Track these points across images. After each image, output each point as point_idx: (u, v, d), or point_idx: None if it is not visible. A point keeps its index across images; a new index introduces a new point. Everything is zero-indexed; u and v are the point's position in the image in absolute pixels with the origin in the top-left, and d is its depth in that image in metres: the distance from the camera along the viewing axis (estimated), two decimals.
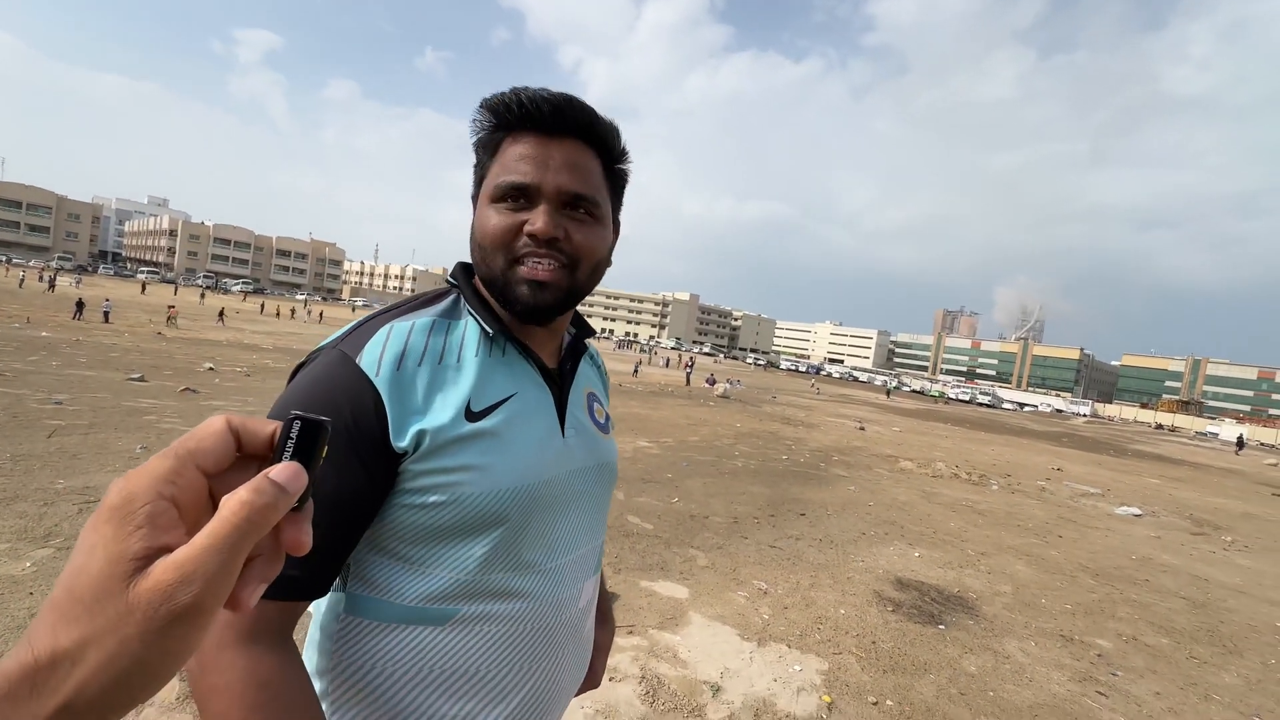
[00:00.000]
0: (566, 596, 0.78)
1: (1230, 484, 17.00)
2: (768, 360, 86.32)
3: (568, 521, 0.78)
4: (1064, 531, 7.44)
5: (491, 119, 0.73)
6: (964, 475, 10.81)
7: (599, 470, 0.84)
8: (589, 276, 0.75)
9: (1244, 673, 3.98)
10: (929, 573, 5.07)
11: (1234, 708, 3.47)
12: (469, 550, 0.68)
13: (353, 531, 0.64)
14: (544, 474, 0.73)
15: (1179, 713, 3.31)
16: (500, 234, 0.70)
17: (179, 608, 0.26)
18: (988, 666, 3.52)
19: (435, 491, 0.66)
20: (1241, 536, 8.93)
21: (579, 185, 0.72)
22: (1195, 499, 12.51)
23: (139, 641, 0.26)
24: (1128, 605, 4.99)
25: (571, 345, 0.86)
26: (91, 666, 0.25)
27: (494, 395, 0.71)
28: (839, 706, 2.89)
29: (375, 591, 0.68)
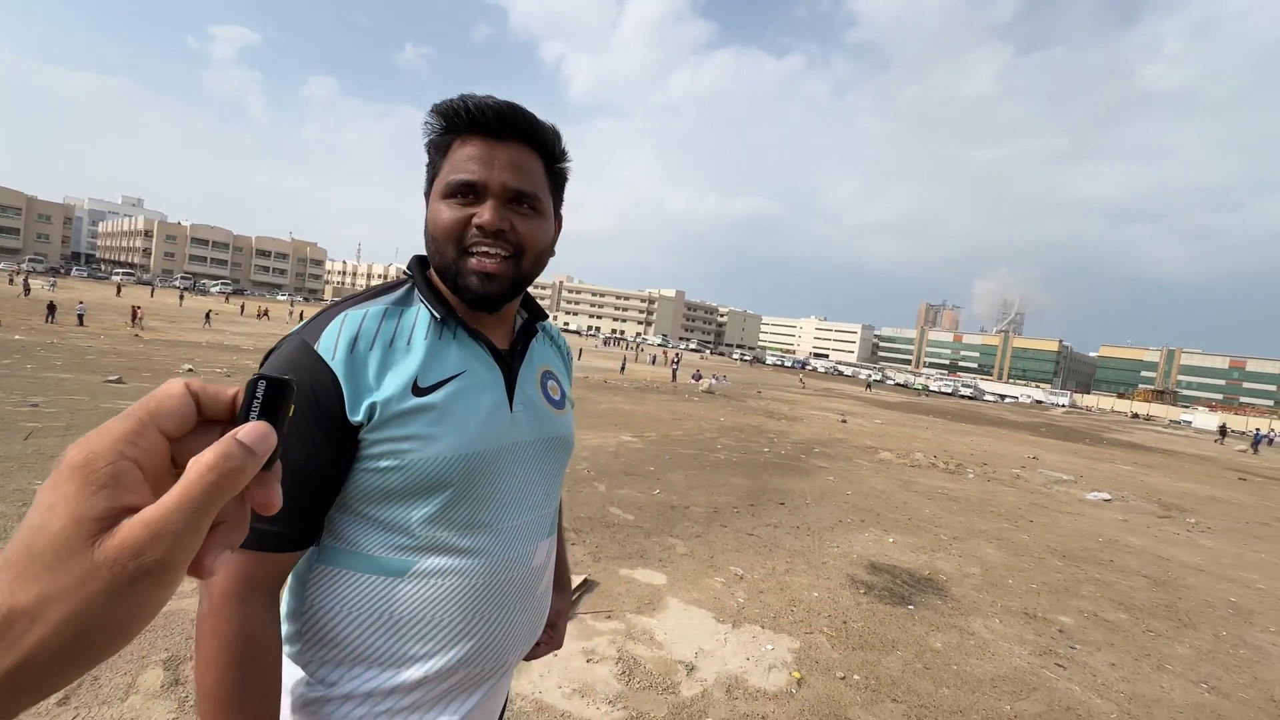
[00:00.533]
0: (518, 556, 0.85)
1: (1200, 470, 17.51)
2: (754, 355, 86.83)
3: (516, 488, 0.85)
4: (1035, 516, 7.67)
5: (442, 122, 0.80)
6: (941, 465, 11.04)
7: (549, 443, 0.91)
8: (533, 265, 0.83)
9: (1196, 644, 4.18)
10: (902, 557, 5.22)
11: (1184, 676, 3.65)
12: (420, 510, 0.77)
13: (327, 492, 0.74)
14: (488, 444, 0.80)
15: (1132, 681, 3.48)
16: (450, 226, 0.77)
17: (147, 564, 0.26)
18: (953, 643, 3.67)
19: (386, 458, 0.74)
20: (1205, 519, 9.25)
21: (522, 183, 0.79)
22: (1165, 484, 12.89)
23: (105, 598, 0.25)
24: (1091, 584, 5.18)
25: (523, 328, 0.93)
26: (52, 623, 0.25)
27: (441, 373, 0.78)
28: (808, 681, 3.01)
29: (343, 544, 0.77)
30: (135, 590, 0.26)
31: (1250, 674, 3.81)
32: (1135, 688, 3.41)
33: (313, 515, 0.73)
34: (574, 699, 2.64)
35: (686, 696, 2.77)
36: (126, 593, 0.26)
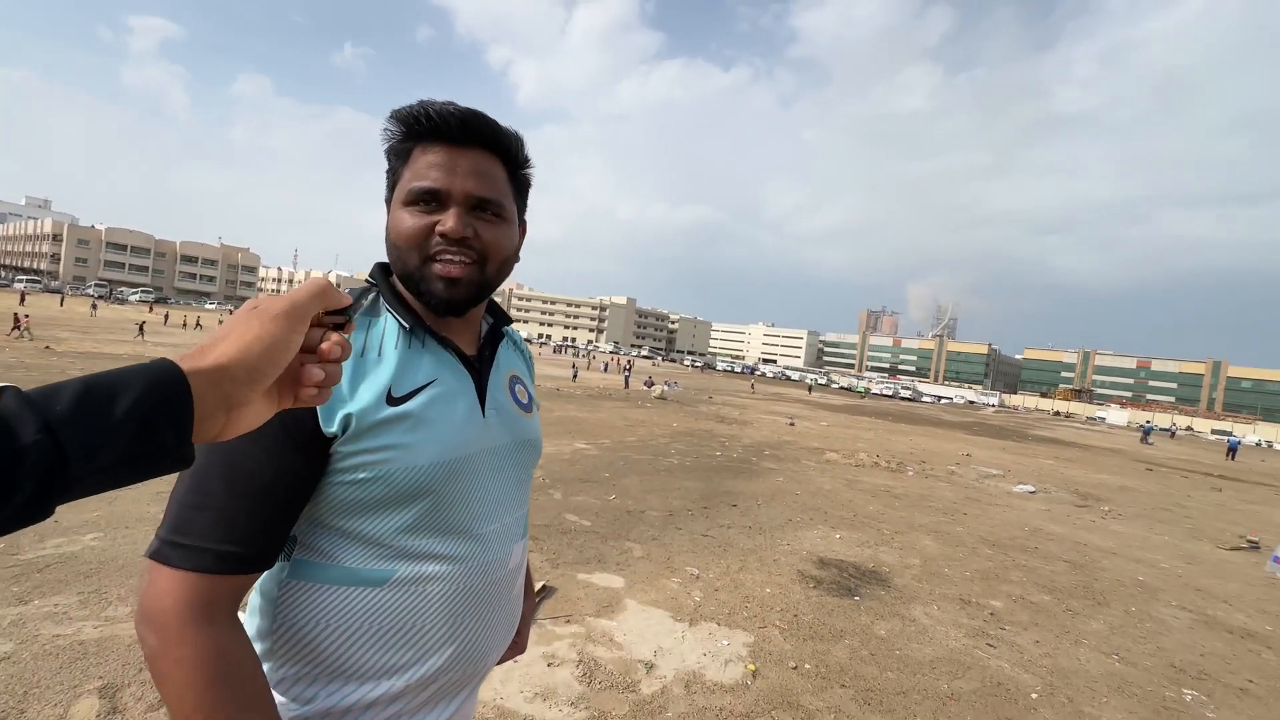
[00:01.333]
0: (495, 559, 0.87)
1: (1112, 462, 18.97)
2: (704, 362, 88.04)
3: (492, 492, 0.87)
4: (969, 509, 8.15)
5: (402, 129, 0.80)
6: (884, 464, 11.56)
7: (520, 446, 0.93)
8: (498, 271, 0.84)
9: (1109, 620, 4.57)
10: (848, 551, 5.47)
11: (1099, 649, 3.99)
12: (399, 519, 0.77)
13: (292, 509, 0.72)
14: (464, 450, 0.81)
15: (1053, 656, 3.78)
16: (414, 234, 0.78)
17: (278, 309, 0.45)
18: (895, 630, 3.89)
19: (364, 469, 0.74)
20: (1117, 506, 10.05)
21: (485, 190, 0.80)
22: (1082, 476, 13.91)
23: (258, 327, 0.44)
24: (1018, 570, 5.57)
25: (489, 333, 0.94)
26: (233, 338, 0.43)
27: (414, 382, 0.79)
28: (762, 673, 3.14)
29: (319, 558, 0.76)
30: (275, 322, 0.44)
31: (1154, 644, 4.20)
32: (1056, 662, 3.71)
33: (278, 534, 0.71)
34: (536, 703, 2.66)
35: (647, 694, 2.84)
36: (270, 322, 0.44)
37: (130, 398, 0.35)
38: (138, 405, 0.35)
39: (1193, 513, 10.48)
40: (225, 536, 0.66)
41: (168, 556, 0.65)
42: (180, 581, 0.65)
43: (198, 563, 0.65)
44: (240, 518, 0.67)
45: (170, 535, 0.66)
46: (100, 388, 0.35)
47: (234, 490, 0.67)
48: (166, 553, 0.66)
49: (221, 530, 0.66)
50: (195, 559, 0.65)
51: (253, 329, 0.43)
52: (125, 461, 0.35)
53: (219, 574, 0.66)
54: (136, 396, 0.35)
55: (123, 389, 0.35)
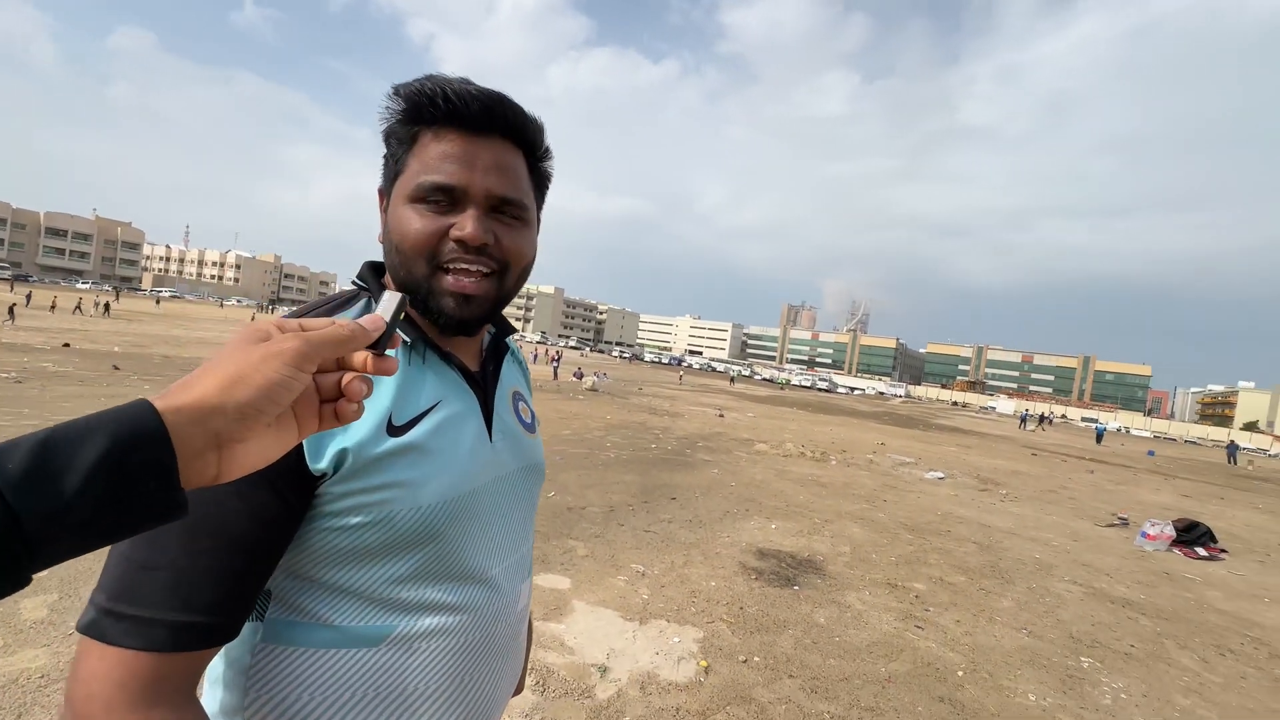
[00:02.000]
0: (505, 603, 0.77)
1: (1004, 448, 20.83)
2: (633, 353, 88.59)
3: (500, 527, 0.77)
4: (888, 496, 8.67)
5: (409, 109, 0.68)
6: (809, 454, 12.07)
7: (528, 471, 0.84)
8: (517, 282, 0.73)
9: (1016, 597, 4.99)
10: (784, 541, 5.65)
11: (1010, 625, 4.34)
12: (401, 568, 0.66)
13: (268, 564, 0.59)
14: (474, 483, 0.72)
15: (973, 634, 4.08)
16: (424, 238, 0.66)
17: (287, 347, 0.39)
18: (833, 617, 4.05)
19: (359, 513, 0.62)
20: (1012, 490, 11.04)
21: (508, 188, 0.69)
22: (981, 461, 15.18)
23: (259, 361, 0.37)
24: (935, 553, 5.98)
25: (493, 345, 0.84)
26: (223, 371, 0.37)
27: (417, 406, 0.68)
28: (715, 668, 3.17)
29: (301, 617, 0.64)
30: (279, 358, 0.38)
31: (1055, 617, 4.63)
32: (976, 639, 4.00)
33: (249, 596, 0.58)
34: None
35: (603, 699, 2.78)
36: (274, 359, 0.38)
37: (97, 446, 0.31)
38: (107, 454, 0.31)
39: (1074, 494, 11.69)
40: (185, 604, 0.53)
41: (107, 631, 0.51)
42: (122, 662, 0.51)
43: (147, 639, 0.51)
44: (204, 579, 0.54)
45: (111, 603, 0.52)
46: (61, 439, 0.31)
47: (195, 544, 0.54)
48: (106, 626, 0.51)
49: (180, 596, 0.53)
50: (145, 635, 0.51)
51: (251, 363, 0.38)
52: (102, 516, 0.31)
53: (174, 652, 0.52)
54: (105, 444, 0.31)
55: (87, 437, 0.31)
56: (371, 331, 0.43)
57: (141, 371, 11.65)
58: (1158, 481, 16.51)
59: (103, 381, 9.90)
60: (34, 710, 2.26)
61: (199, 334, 24.60)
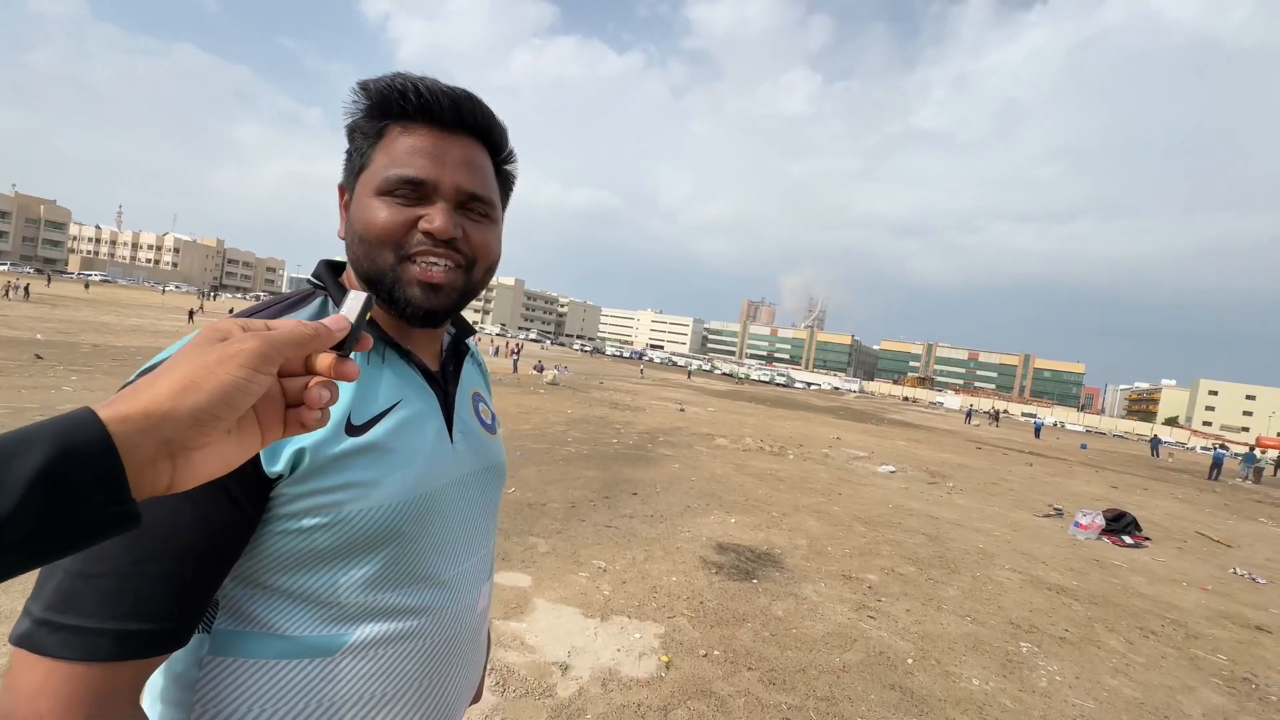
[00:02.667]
0: (464, 606, 0.76)
1: (951, 442, 21.73)
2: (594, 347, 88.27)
3: (461, 529, 0.77)
4: (843, 490, 8.92)
5: (375, 105, 0.68)
6: (767, 448, 12.31)
7: (488, 472, 0.84)
8: (483, 278, 0.74)
9: (962, 586, 5.22)
10: (743, 535, 5.75)
11: (955, 613, 4.54)
12: (358, 572, 0.65)
13: (219, 570, 0.57)
14: (434, 483, 0.71)
15: (922, 623, 4.24)
16: (391, 228, 0.66)
17: (246, 348, 0.37)
18: (791, 609, 4.15)
19: (315, 514, 0.61)
20: (958, 482, 11.53)
21: (477, 185, 0.70)
22: (929, 455, 15.79)
23: (215, 364, 0.35)
24: (887, 544, 6.19)
25: (453, 345, 0.84)
26: (177, 375, 0.35)
27: (376, 406, 0.67)
28: (676, 663, 3.19)
29: (251, 626, 0.62)
30: (236, 360, 0.36)
31: (996, 604, 4.86)
32: (925, 628, 4.16)
33: (198, 603, 0.56)
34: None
35: (564, 697, 2.77)
36: (231, 361, 0.36)
37: (33, 460, 0.29)
38: (45, 468, 0.29)
39: (1014, 485, 12.30)
40: (128, 611, 0.50)
41: (43, 643, 0.48)
42: (60, 676, 0.48)
43: (88, 649, 0.49)
44: (149, 585, 0.51)
45: (47, 613, 0.49)
46: None
47: (140, 550, 0.51)
48: (41, 638, 0.48)
49: (123, 603, 0.50)
50: (85, 645, 0.49)
51: (207, 365, 0.36)
52: (43, 533, 0.29)
53: (118, 661, 0.50)
54: (42, 458, 0.29)
55: (22, 451, 0.29)
56: (336, 332, 0.41)
57: (68, 361, 10.90)
58: (1089, 474, 17.54)
59: (24, 372, 9.21)
60: None
61: (133, 321, 23.19)
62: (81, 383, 8.92)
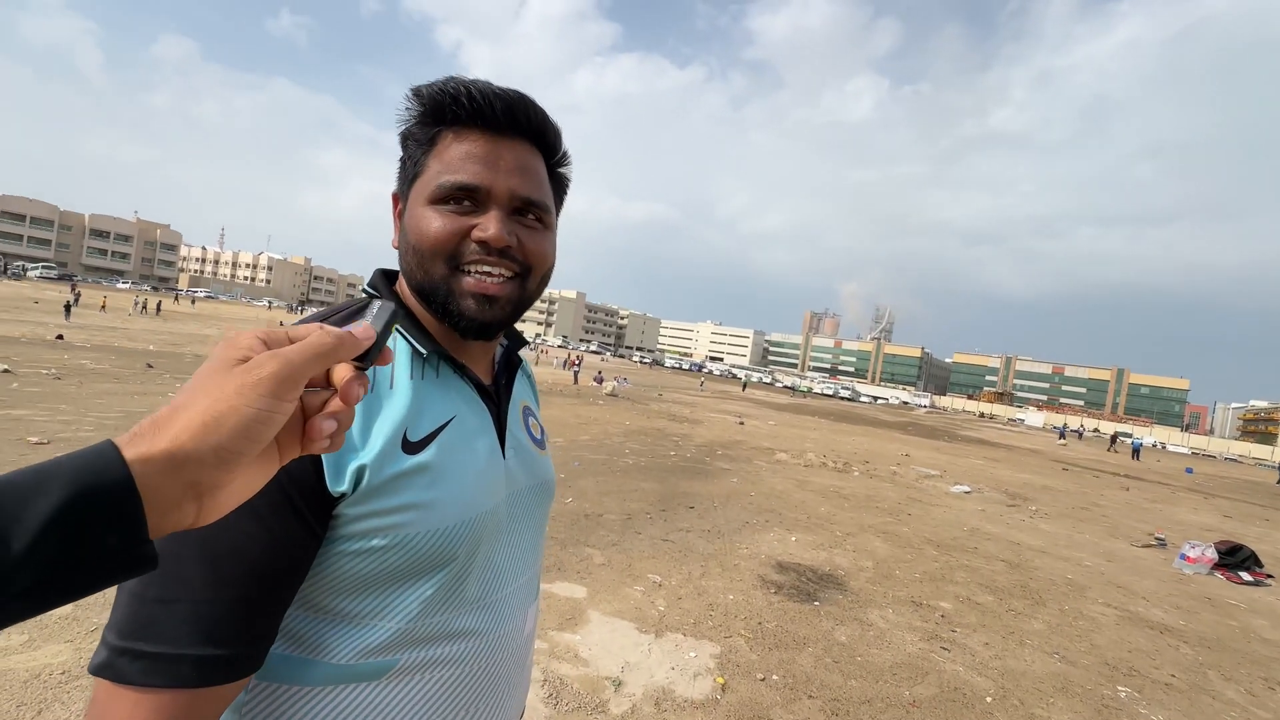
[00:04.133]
0: (511, 629, 0.74)
1: (1033, 462, 20.25)
2: (653, 358, 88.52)
3: (511, 549, 0.75)
4: (912, 510, 8.45)
5: (429, 110, 0.67)
6: (830, 464, 11.87)
7: (539, 490, 0.81)
8: (538, 286, 0.72)
9: (1048, 619, 4.80)
10: (804, 555, 5.53)
11: (1041, 649, 4.17)
12: (413, 594, 0.63)
13: (289, 593, 0.57)
14: (488, 503, 0.69)
15: (1002, 658, 3.92)
16: (444, 239, 0.64)
17: (266, 373, 0.34)
18: (855, 635, 3.93)
19: (377, 535, 0.60)
20: (1042, 506, 10.69)
21: (531, 190, 0.68)
22: (1009, 475, 14.76)
23: (235, 395, 0.33)
24: (962, 570, 5.79)
25: (505, 358, 0.82)
26: (198, 410, 0.33)
27: (431, 422, 0.65)
28: (732, 686, 3.08)
29: (302, 651, 0.61)
30: (256, 390, 0.34)
31: (1089, 642, 4.43)
32: (1005, 663, 3.84)
33: (271, 626, 0.56)
34: None
35: (616, 714, 2.72)
36: (251, 391, 0.34)
37: (50, 500, 0.28)
38: (62, 510, 0.28)
39: (1108, 511, 11.28)
40: (207, 637, 0.50)
41: (125, 671, 0.48)
42: (148, 705, 0.48)
43: (171, 677, 0.48)
44: (225, 610, 0.51)
45: (127, 641, 0.49)
46: (7, 497, 0.28)
47: (216, 574, 0.51)
48: (123, 667, 0.48)
49: (202, 629, 0.50)
50: (168, 672, 0.48)
51: (227, 398, 0.33)
52: (54, 578, 0.28)
53: (201, 687, 0.50)
54: (59, 499, 0.28)
55: (40, 490, 0.28)
56: (362, 340, 0.39)
57: (174, 370, 11.97)
58: (1197, 500, 15.87)
59: (136, 379, 10.18)
60: (54, 707, 2.28)
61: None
62: None
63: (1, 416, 6.35)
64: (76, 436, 5.97)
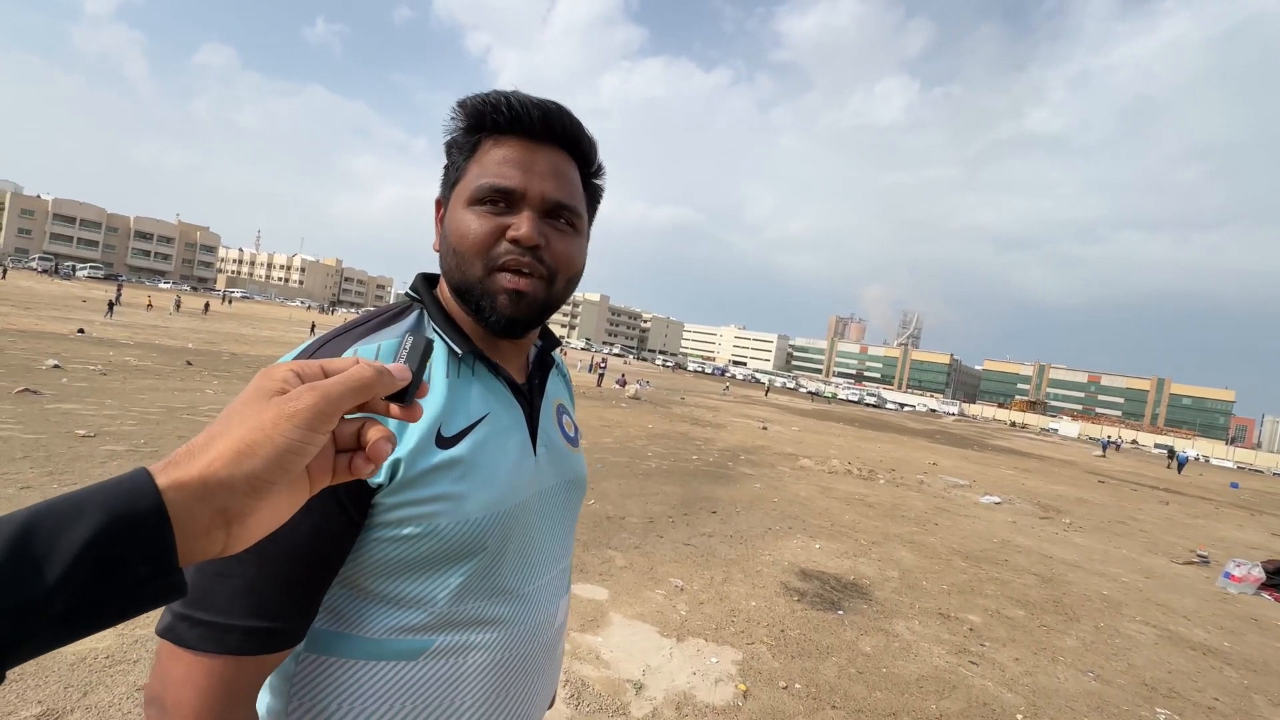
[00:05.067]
0: (542, 620, 0.77)
1: (1066, 473, 19.65)
2: (676, 362, 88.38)
3: (542, 542, 0.78)
4: (940, 520, 8.28)
5: (471, 119, 0.71)
6: (855, 471, 11.69)
7: (570, 486, 0.84)
8: (565, 289, 0.74)
9: (1081, 636, 4.65)
10: (828, 563, 5.46)
11: (1074, 666, 4.04)
12: (445, 581, 0.67)
13: (330, 572, 0.62)
14: (519, 497, 0.72)
15: (1033, 674, 3.81)
16: (481, 238, 0.68)
17: (302, 405, 0.35)
18: (880, 645, 3.87)
19: (411, 524, 0.64)
20: (1077, 519, 10.37)
21: (563, 194, 0.71)
22: (1041, 487, 14.35)
23: (270, 425, 0.34)
24: (992, 583, 5.65)
25: (539, 358, 0.85)
26: (233, 438, 0.34)
27: (465, 419, 0.69)
28: (754, 693, 3.06)
29: (344, 627, 0.65)
30: (292, 421, 0.34)
31: (1125, 661, 4.29)
32: (1036, 680, 3.74)
33: (313, 603, 0.61)
34: None
35: (637, 717, 2.73)
36: (287, 422, 0.34)
37: (85, 529, 0.29)
38: (95, 539, 0.29)
39: (1146, 526, 10.89)
40: (255, 610, 0.56)
41: (184, 636, 0.54)
42: (201, 668, 0.54)
43: (222, 644, 0.54)
44: (272, 586, 0.56)
45: (187, 609, 0.55)
46: (45, 521, 0.28)
47: (265, 554, 0.56)
48: (182, 631, 0.54)
49: (251, 602, 0.56)
50: (219, 639, 0.54)
51: (263, 427, 0.34)
52: (87, 607, 0.29)
53: (246, 655, 0.56)
54: (93, 527, 0.29)
55: (75, 519, 0.29)
56: (398, 379, 0.40)
57: (212, 368, 12.36)
58: (1242, 517, 15.22)
59: (177, 376, 10.54)
60: (98, 690, 2.38)
61: (265, 333, 25.98)
62: (223, 387, 10.07)
63: (52, 410, 6.64)
64: (121, 430, 6.21)
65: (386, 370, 0.39)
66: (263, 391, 0.36)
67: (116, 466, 4.97)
